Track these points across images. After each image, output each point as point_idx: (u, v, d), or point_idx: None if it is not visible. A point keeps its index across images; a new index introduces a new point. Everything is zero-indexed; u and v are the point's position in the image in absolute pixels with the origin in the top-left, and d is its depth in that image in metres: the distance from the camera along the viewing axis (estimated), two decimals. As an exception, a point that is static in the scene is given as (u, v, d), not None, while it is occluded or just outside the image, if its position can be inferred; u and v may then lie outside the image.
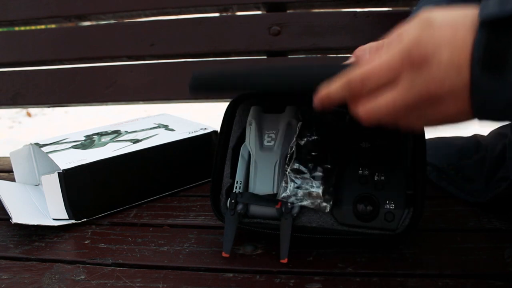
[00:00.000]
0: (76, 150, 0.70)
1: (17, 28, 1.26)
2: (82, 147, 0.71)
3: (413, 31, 0.35)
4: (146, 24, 1.01)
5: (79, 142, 0.74)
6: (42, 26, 1.10)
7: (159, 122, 0.83)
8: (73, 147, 0.72)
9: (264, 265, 0.53)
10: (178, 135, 0.75)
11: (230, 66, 0.95)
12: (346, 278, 0.50)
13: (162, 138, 0.74)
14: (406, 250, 0.55)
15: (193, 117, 0.91)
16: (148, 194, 0.72)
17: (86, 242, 0.61)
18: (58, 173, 0.63)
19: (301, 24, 0.91)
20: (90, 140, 0.75)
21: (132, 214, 0.68)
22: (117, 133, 0.78)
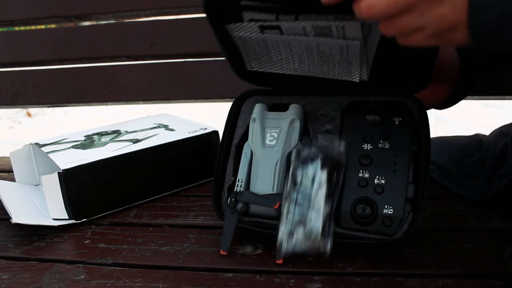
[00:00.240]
0: (76, 150, 0.70)
1: (17, 28, 1.26)
2: (82, 147, 0.71)
3: None
4: (146, 24, 1.01)
5: (79, 142, 0.74)
6: (42, 26, 1.10)
7: (159, 122, 0.83)
8: (73, 147, 0.72)
9: (264, 265, 0.53)
10: (178, 135, 0.75)
11: None
12: (346, 278, 0.50)
13: (162, 138, 0.74)
14: (406, 250, 0.55)
15: (193, 117, 0.91)
16: (148, 194, 0.72)
17: (86, 242, 0.61)
18: (58, 173, 0.63)
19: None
20: (90, 140, 0.75)
21: (132, 214, 0.68)
22: (117, 133, 0.78)
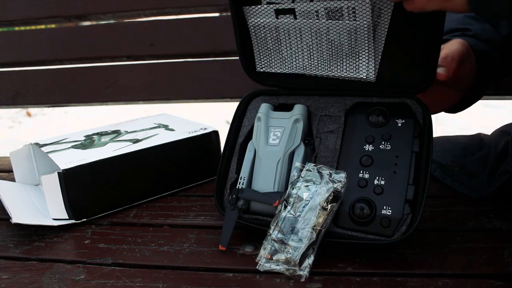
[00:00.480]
0: (76, 150, 0.70)
1: (17, 28, 1.27)
2: (82, 147, 0.71)
3: None
4: (146, 24, 1.01)
5: (79, 142, 0.74)
6: (42, 26, 1.10)
7: (159, 122, 0.83)
8: (73, 147, 0.72)
9: (264, 265, 0.53)
10: (178, 135, 0.75)
11: None
12: (346, 278, 0.50)
13: (162, 138, 0.74)
14: (406, 250, 0.55)
15: (193, 117, 0.91)
16: (148, 194, 0.72)
17: (86, 242, 0.61)
18: (58, 173, 0.63)
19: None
20: (90, 140, 0.75)
21: (132, 214, 0.68)
22: (117, 133, 0.78)
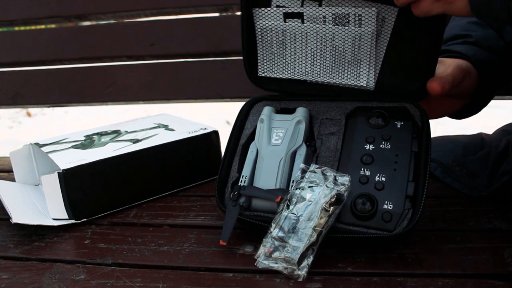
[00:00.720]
0: (76, 150, 0.70)
1: (17, 28, 1.27)
2: (82, 147, 0.71)
3: None
4: (146, 24, 1.01)
5: (79, 142, 0.74)
6: (42, 26, 1.10)
7: (159, 122, 0.83)
8: (73, 147, 0.72)
9: (264, 265, 0.53)
10: (178, 135, 0.75)
11: None
12: (346, 278, 0.50)
13: (162, 138, 0.74)
14: (406, 250, 0.55)
15: (193, 117, 0.91)
16: (148, 194, 0.72)
17: (86, 242, 0.61)
18: (58, 173, 0.63)
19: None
20: (90, 140, 0.75)
21: (132, 214, 0.68)
22: (117, 133, 0.78)
